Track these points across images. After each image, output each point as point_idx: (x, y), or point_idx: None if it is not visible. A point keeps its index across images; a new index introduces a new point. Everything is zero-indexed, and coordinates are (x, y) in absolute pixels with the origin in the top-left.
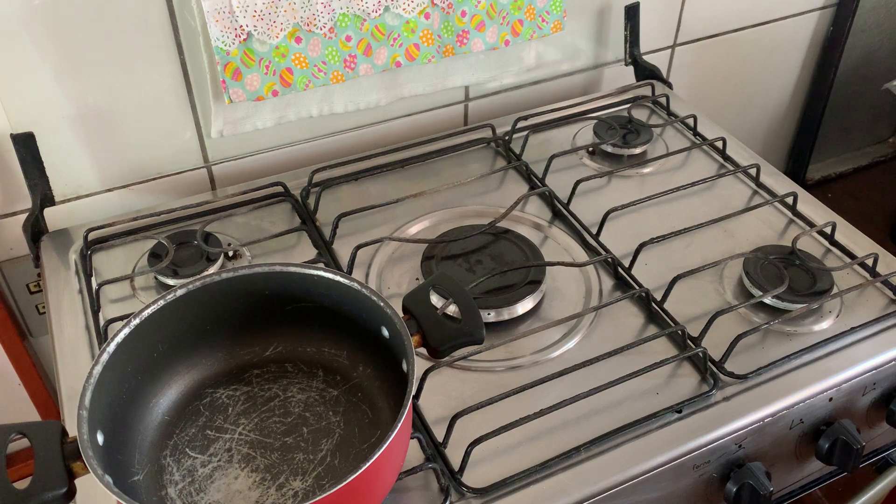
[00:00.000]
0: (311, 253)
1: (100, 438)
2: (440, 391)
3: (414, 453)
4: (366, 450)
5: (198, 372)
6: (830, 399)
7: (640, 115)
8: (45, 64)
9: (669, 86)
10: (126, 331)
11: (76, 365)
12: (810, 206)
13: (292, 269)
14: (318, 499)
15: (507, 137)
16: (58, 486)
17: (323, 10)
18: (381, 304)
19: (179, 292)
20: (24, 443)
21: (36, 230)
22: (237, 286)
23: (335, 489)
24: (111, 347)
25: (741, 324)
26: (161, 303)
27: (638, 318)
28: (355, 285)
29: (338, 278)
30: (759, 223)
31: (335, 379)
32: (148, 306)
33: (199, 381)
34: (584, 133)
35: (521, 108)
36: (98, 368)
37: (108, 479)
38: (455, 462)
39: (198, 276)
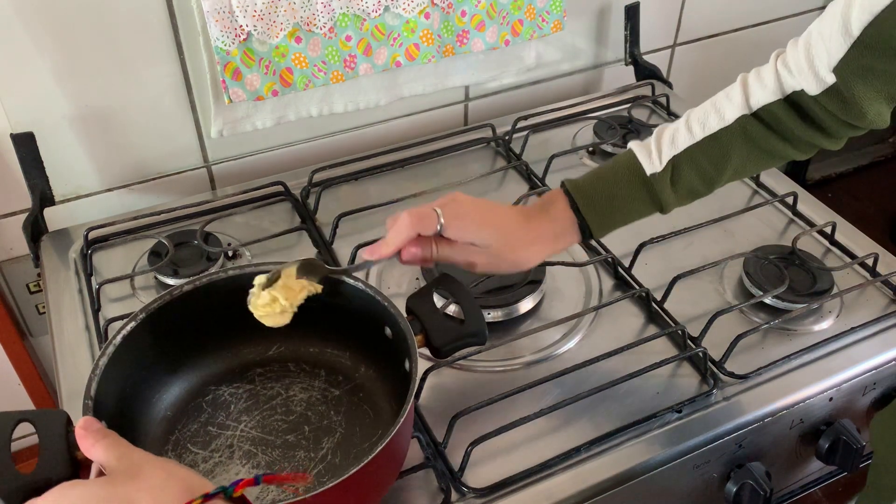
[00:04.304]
0: (312, 252)
1: None
2: (440, 391)
3: (414, 453)
4: (367, 449)
5: (201, 369)
6: (830, 399)
7: (640, 114)
8: (44, 64)
9: (669, 85)
10: (133, 324)
11: (76, 365)
12: (810, 205)
13: None
14: (318, 492)
15: (507, 137)
16: (63, 472)
17: (323, 10)
18: (386, 303)
19: (186, 288)
20: (26, 442)
21: (36, 230)
22: (242, 283)
23: (336, 482)
24: (118, 340)
25: (741, 324)
26: (168, 298)
27: (638, 317)
28: (359, 285)
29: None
30: (759, 223)
31: (337, 379)
32: (155, 301)
33: (203, 378)
34: (584, 133)
35: (521, 108)
36: (104, 360)
37: None
38: (455, 462)
39: (204, 273)
